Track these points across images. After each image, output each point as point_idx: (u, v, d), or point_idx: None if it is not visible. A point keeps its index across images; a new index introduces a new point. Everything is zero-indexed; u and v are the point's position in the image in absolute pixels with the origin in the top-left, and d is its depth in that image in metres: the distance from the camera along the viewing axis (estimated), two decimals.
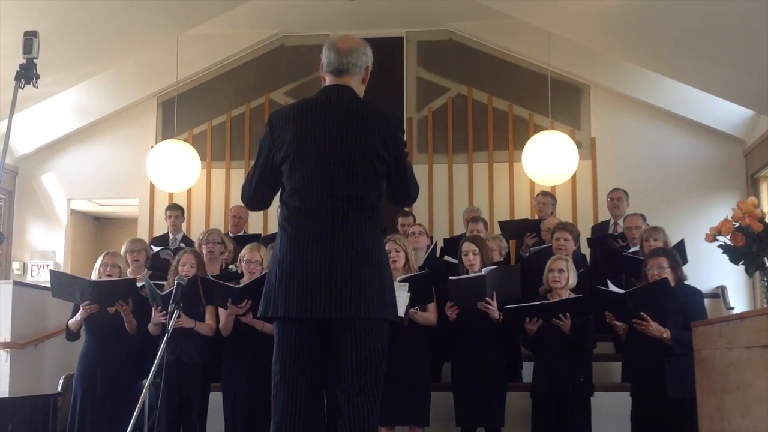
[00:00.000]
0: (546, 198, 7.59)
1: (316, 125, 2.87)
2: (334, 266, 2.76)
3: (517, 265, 5.10)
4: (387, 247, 4.52)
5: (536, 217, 7.50)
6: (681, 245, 5.78)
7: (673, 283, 4.55)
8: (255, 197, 3.04)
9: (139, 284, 5.24)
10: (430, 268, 5.53)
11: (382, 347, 2.84)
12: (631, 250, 6.03)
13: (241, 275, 5.20)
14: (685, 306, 4.53)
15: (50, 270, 5.92)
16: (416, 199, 3.15)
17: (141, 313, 5.18)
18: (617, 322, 4.80)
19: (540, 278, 5.18)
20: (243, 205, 3.18)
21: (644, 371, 4.64)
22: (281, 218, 2.94)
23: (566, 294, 4.93)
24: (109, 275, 5.26)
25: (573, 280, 4.98)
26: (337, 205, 2.81)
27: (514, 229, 7.26)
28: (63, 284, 5.26)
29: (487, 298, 4.79)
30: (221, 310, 5.01)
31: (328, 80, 3.00)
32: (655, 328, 4.42)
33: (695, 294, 4.68)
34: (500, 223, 7.37)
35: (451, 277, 4.92)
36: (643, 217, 6.47)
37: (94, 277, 5.36)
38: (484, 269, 4.92)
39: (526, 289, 5.45)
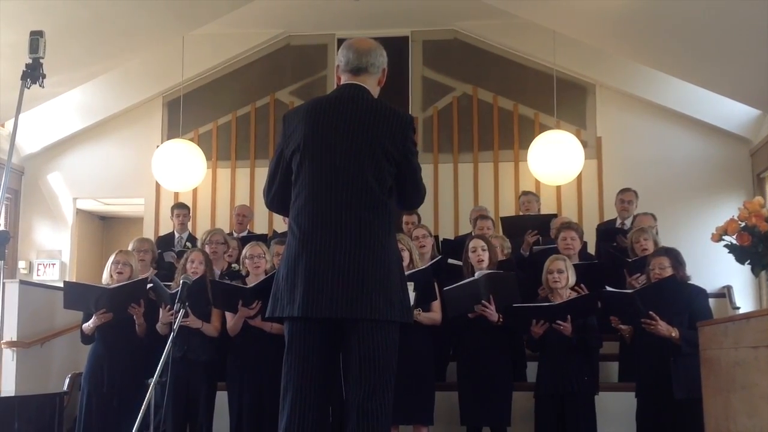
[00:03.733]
0: (529, 197, 7.60)
1: (327, 122, 2.86)
2: (339, 265, 2.73)
3: (512, 273, 5.03)
4: None
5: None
6: None
7: None
8: (274, 199, 3.02)
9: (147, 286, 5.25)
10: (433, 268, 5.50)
11: (391, 349, 2.80)
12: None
13: (246, 275, 5.20)
14: (690, 305, 4.53)
15: (65, 281, 5.89)
16: (423, 199, 3.12)
17: (149, 313, 5.20)
18: (622, 326, 4.80)
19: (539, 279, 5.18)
20: (248, 204, 3.19)
21: (649, 371, 4.63)
22: (290, 217, 2.93)
23: (567, 293, 4.93)
24: (120, 273, 5.27)
25: (572, 279, 4.97)
26: (345, 203, 2.78)
27: (515, 226, 7.11)
28: (77, 294, 5.24)
29: (483, 301, 4.80)
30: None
31: (345, 79, 2.98)
32: (664, 327, 4.41)
33: (700, 293, 4.67)
34: (502, 219, 7.26)
35: (445, 288, 4.90)
36: (653, 216, 6.42)
37: (105, 275, 5.37)
38: (477, 273, 4.90)
39: (529, 288, 5.45)
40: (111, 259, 5.37)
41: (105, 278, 5.37)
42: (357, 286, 2.72)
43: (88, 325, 5.19)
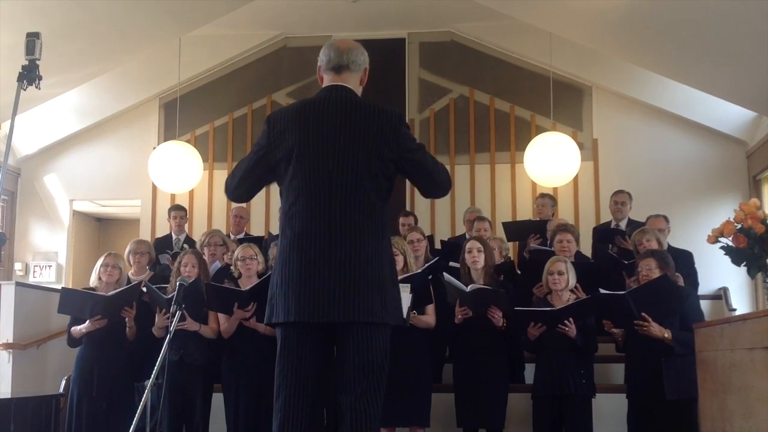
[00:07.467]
0: (545, 200, 7.58)
1: (316, 126, 2.86)
2: (333, 269, 2.74)
3: (503, 291, 5.02)
4: None
5: (538, 219, 7.47)
6: (689, 258, 5.82)
7: None
8: (238, 187, 3.00)
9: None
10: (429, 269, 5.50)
11: (384, 351, 2.82)
12: None
13: (238, 276, 5.19)
14: (681, 305, 4.54)
15: (62, 288, 5.86)
16: (449, 187, 3.03)
17: (141, 317, 5.19)
18: (615, 330, 4.80)
19: (540, 280, 5.18)
20: (244, 206, 3.16)
21: (640, 372, 4.65)
22: (281, 221, 2.94)
23: (566, 295, 4.93)
24: (110, 275, 5.26)
25: (572, 281, 4.98)
26: (337, 206, 2.79)
27: (517, 230, 7.19)
28: (73, 300, 5.23)
29: (492, 307, 4.82)
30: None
31: (327, 79, 2.99)
32: (656, 329, 4.42)
33: (690, 293, 4.70)
34: (504, 224, 7.29)
35: (445, 275, 4.94)
36: (665, 218, 6.40)
37: (93, 277, 5.35)
38: (470, 287, 4.91)
39: (528, 289, 5.47)
40: (100, 261, 5.35)
41: (93, 281, 5.35)
42: (351, 290, 2.73)
43: (80, 330, 5.17)
